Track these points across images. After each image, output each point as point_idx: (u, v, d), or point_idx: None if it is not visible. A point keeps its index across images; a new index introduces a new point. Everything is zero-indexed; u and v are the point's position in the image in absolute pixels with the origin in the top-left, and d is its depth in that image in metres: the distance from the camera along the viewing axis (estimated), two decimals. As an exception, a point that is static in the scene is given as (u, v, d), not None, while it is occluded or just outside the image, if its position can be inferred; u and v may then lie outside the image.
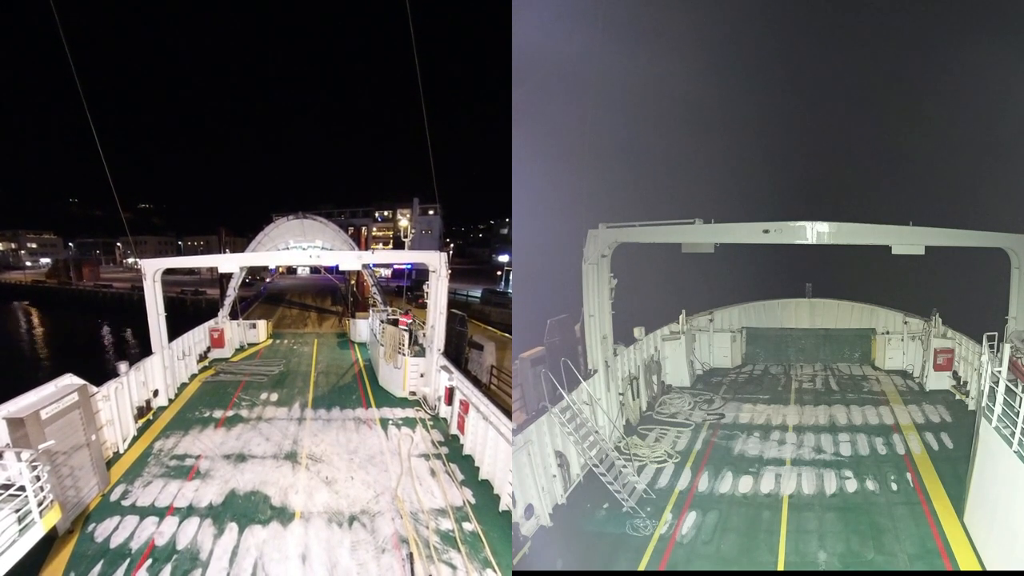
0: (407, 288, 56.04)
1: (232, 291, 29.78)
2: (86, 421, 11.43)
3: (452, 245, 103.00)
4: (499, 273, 68.36)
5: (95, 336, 62.40)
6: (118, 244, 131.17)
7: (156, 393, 17.84)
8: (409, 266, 65.47)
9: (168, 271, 19.29)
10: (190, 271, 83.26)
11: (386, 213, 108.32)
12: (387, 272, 74.34)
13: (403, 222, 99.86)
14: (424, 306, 19.63)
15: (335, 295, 53.06)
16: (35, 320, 74.50)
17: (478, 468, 13.26)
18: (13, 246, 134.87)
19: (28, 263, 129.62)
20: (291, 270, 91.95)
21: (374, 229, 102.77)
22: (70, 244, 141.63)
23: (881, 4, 29.57)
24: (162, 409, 17.73)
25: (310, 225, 30.57)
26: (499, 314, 42.72)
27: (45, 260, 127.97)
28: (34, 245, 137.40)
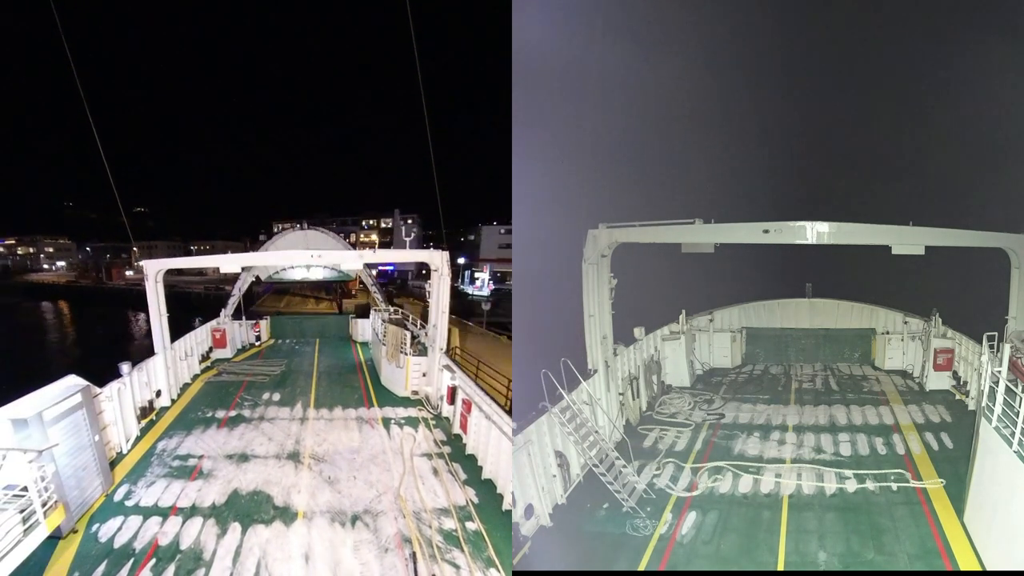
0: (391, 286, 61.07)
1: (237, 291, 29.97)
2: (90, 422, 11.49)
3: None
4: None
5: (128, 328, 68.70)
6: (134, 249, 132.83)
7: (159, 393, 17.88)
8: (392, 267, 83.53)
9: (178, 272, 19.35)
10: (199, 272, 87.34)
11: (372, 221, 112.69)
12: (372, 272, 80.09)
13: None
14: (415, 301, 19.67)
15: (328, 287, 57.06)
16: (67, 315, 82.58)
17: (481, 468, 13.32)
18: (31, 250, 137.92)
19: (46, 266, 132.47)
20: None
21: (362, 235, 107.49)
22: (87, 248, 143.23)
23: (883, 5, 29.60)
24: (165, 409, 17.78)
25: (313, 236, 31.04)
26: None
27: (60, 263, 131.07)
28: (51, 249, 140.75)
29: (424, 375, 19.24)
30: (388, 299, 35.83)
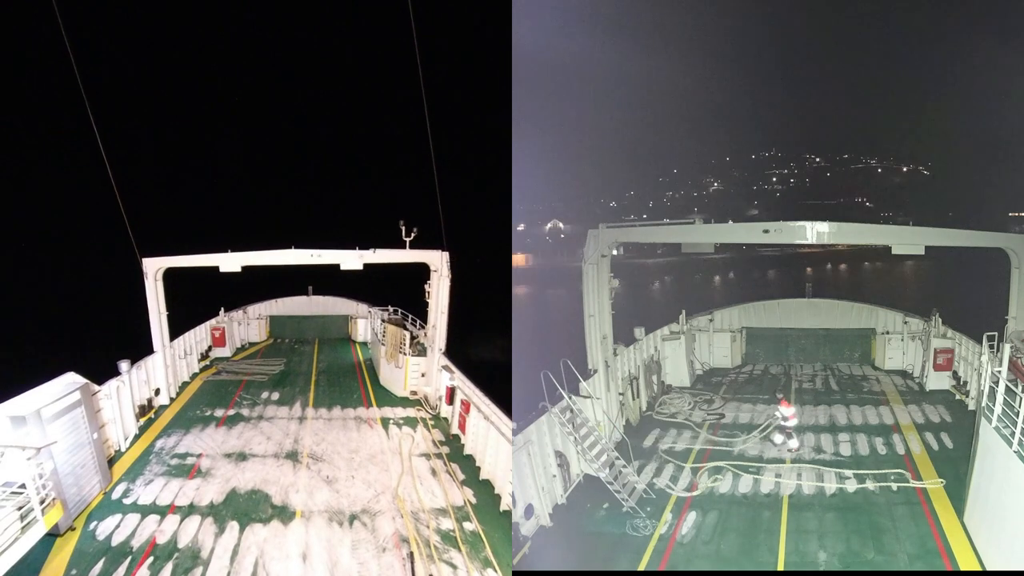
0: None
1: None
2: (88, 419, 11.47)
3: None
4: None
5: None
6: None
7: (157, 392, 17.86)
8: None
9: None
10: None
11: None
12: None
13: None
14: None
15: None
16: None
17: (479, 468, 13.29)
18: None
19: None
20: None
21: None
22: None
23: (885, 5, 29.67)
24: (163, 408, 17.75)
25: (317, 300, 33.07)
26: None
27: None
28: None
29: (423, 375, 19.21)
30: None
